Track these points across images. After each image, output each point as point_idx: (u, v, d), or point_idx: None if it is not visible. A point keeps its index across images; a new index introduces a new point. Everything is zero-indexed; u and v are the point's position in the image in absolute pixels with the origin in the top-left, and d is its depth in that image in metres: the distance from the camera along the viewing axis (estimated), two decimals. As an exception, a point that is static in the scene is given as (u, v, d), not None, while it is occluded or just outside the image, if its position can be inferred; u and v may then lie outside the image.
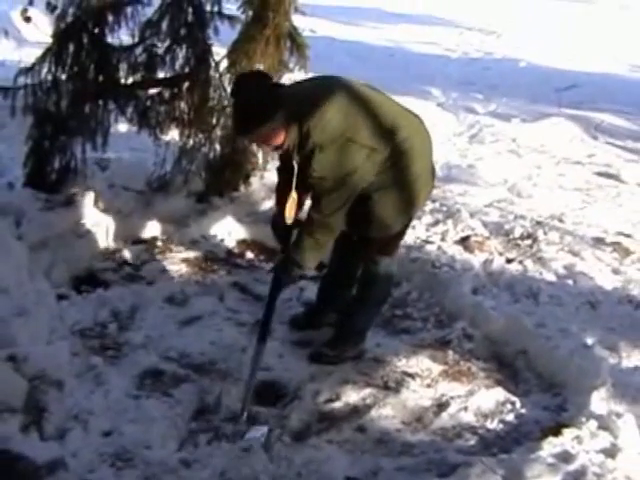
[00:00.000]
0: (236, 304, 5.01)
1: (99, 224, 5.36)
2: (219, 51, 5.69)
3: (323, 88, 4.00)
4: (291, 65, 5.88)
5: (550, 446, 3.80)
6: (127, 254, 5.43)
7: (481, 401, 4.32)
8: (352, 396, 4.26)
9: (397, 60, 12.48)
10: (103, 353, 4.31)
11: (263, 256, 5.72)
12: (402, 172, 4.08)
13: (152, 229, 5.72)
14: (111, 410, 3.78)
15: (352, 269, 4.63)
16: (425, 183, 4.30)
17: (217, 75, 5.47)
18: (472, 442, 4.02)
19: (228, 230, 5.82)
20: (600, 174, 8.16)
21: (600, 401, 4.19)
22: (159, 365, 4.28)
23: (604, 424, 3.98)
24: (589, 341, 4.80)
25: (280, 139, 3.88)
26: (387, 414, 4.15)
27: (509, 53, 13.92)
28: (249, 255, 5.64)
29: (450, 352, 4.76)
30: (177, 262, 5.46)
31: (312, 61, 6.09)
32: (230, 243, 5.79)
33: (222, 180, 5.96)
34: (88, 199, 5.33)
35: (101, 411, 3.75)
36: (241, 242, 5.81)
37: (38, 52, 5.07)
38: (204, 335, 4.62)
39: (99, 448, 3.55)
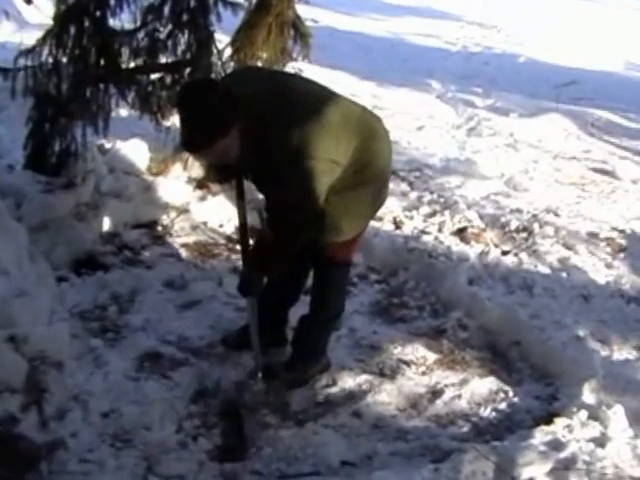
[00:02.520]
0: (235, 289, 4.95)
1: (99, 208, 5.36)
2: (222, 38, 5.69)
3: (284, 94, 3.63)
4: (294, 54, 5.87)
5: (542, 434, 3.87)
6: (127, 238, 5.44)
7: (475, 389, 4.40)
8: (348, 382, 4.31)
9: (397, 52, 12.44)
10: (103, 335, 4.35)
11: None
12: (361, 175, 3.78)
13: (152, 214, 5.72)
14: (110, 391, 3.82)
15: (300, 282, 4.39)
16: (383, 186, 4.05)
17: (219, 62, 5.47)
18: (465, 429, 4.09)
19: (228, 216, 5.81)
20: (595, 170, 8.21)
21: (591, 392, 4.27)
22: (158, 348, 4.32)
23: (594, 414, 4.06)
24: (581, 333, 4.87)
25: (234, 154, 3.56)
26: (382, 400, 4.21)
27: (509, 48, 13.91)
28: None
29: (445, 341, 4.82)
30: (177, 247, 5.48)
31: (314, 51, 6.09)
32: (229, 229, 5.79)
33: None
34: (88, 183, 5.32)
35: (101, 392, 3.79)
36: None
37: (39, 34, 5.05)
38: (203, 319, 4.66)
39: (99, 429, 3.59)
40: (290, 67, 5.76)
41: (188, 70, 5.39)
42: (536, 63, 12.96)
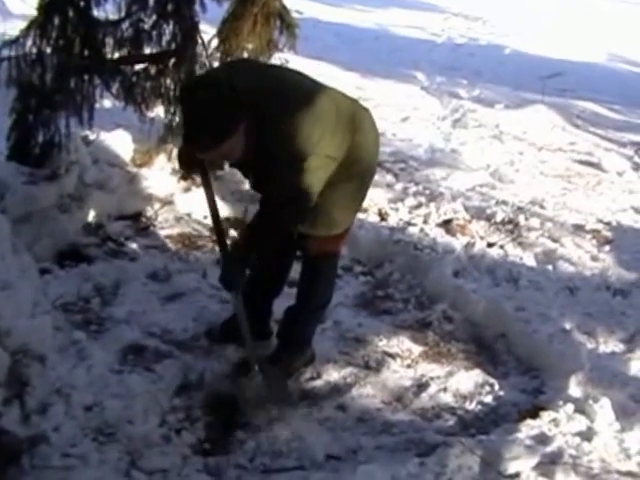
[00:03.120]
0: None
1: (83, 199, 5.31)
2: (207, 29, 5.66)
3: (281, 90, 3.58)
4: (280, 45, 5.82)
5: (527, 428, 3.85)
6: (111, 230, 5.39)
7: (460, 382, 4.38)
8: (333, 375, 4.29)
9: (382, 43, 12.41)
10: (86, 328, 4.30)
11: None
12: (353, 168, 3.77)
13: (136, 205, 5.67)
14: (93, 384, 3.76)
15: (284, 273, 4.38)
16: (372, 177, 4.06)
17: (204, 53, 5.43)
18: (451, 422, 4.07)
19: (212, 207, 5.76)
20: (581, 162, 8.23)
21: (577, 385, 4.26)
22: (142, 341, 4.27)
23: (581, 408, 4.04)
24: (567, 326, 4.86)
25: (240, 152, 3.52)
26: (367, 393, 4.19)
27: (494, 40, 13.92)
28: (232, 233, 5.60)
29: (430, 333, 4.81)
30: (161, 238, 5.44)
31: (299, 42, 6.03)
32: (213, 220, 5.74)
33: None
34: (72, 174, 5.26)
35: (83, 386, 3.73)
36: (224, 220, 5.70)
37: (23, 25, 4.98)
38: (187, 311, 4.61)
39: (81, 422, 3.54)
40: (276, 58, 5.71)
41: (173, 61, 5.34)
42: (521, 55, 12.98)
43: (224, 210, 5.74)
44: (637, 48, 14.23)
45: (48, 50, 4.92)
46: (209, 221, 5.49)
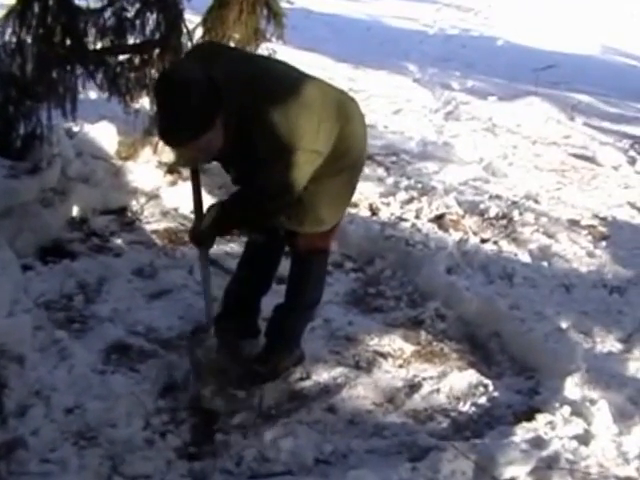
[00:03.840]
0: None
1: (66, 193, 5.21)
2: (192, 18, 5.56)
3: (265, 81, 3.42)
4: (267, 35, 5.70)
5: (523, 431, 3.73)
6: (95, 225, 5.29)
7: (453, 383, 4.25)
8: (323, 375, 4.16)
9: (374, 34, 12.34)
10: (68, 326, 4.19)
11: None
12: (341, 162, 3.61)
13: (121, 199, 5.58)
14: (75, 386, 3.65)
15: (272, 271, 4.22)
16: (360, 171, 3.91)
17: (189, 42, 5.31)
18: (444, 425, 3.95)
19: (199, 202, 5.65)
20: (576, 156, 8.14)
21: (574, 387, 4.14)
22: (126, 339, 4.16)
23: (578, 410, 3.93)
24: (563, 325, 4.76)
25: (218, 147, 3.36)
26: (358, 394, 4.06)
27: (487, 31, 13.84)
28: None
29: (423, 332, 4.68)
30: (146, 234, 5.33)
31: (288, 33, 5.91)
32: (201, 214, 5.63)
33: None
34: (55, 167, 5.17)
35: (64, 387, 3.62)
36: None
37: (1, 13, 4.90)
38: (172, 309, 4.50)
39: (61, 426, 3.43)
40: (264, 48, 5.59)
41: (157, 51, 5.25)
42: (514, 46, 12.89)
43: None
44: (631, 40, 14.17)
45: (28, 40, 4.83)
46: None
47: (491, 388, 4.25)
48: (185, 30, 5.34)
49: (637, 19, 15.89)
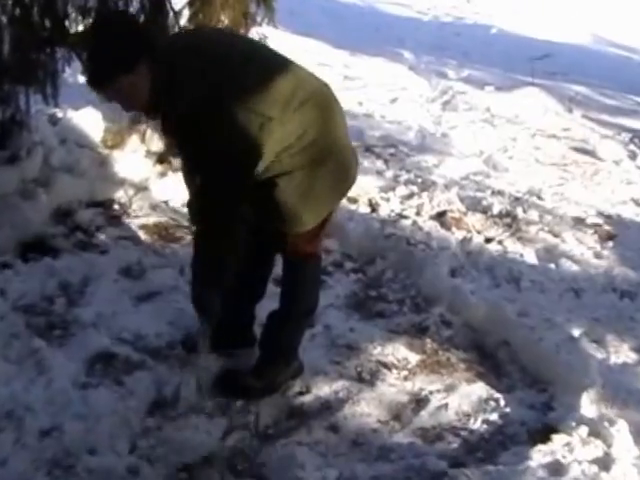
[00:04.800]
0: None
1: (48, 184, 4.99)
2: (177, 1, 5.31)
3: (205, 40, 3.40)
4: (258, 18, 5.45)
5: (540, 455, 3.50)
6: (79, 218, 5.03)
7: (462, 398, 3.99)
8: (324, 389, 3.88)
9: (368, 20, 12.12)
10: (48, 333, 3.91)
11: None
12: (312, 151, 3.33)
13: (108, 191, 5.33)
14: (53, 403, 3.37)
15: (265, 276, 3.94)
16: (346, 166, 3.58)
17: (175, 25, 5.04)
18: (454, 445, 3.68)
19: (190, 194, 5.40)
20: (576, 149, 7.97)
21: (590, 404, 3.92)
22: (111, 348, 3.87)
23: (595, 430, 3.69)
24: (575, 333, 4.55)
25: (143, 99, 3.17)
26: (362, 411, 3.78)
27: (480, 19, 13.67)
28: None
29: (428, 340, 4.43)
30: (135, 228, 5.07)
31: (285, 17, 5.76)
32: (192, 208, 5.37)
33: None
34: (36, 156, 4.99)
35: (41, 405, 3.34)
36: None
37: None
38: (162, 314, 4.21)
39: (34, 452, 3.14)
40: (254, 32, 5.32)
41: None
42: (508, 35, 12.73)
43: None
44: (621, 31, 13.98)
45: (4, 20, 4.60)
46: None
47: (502, 403, 4.00)
48: (171, 12, 5.12)
49: (627, 10, 15.74)
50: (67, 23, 4.83)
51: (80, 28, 4.85)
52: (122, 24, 3.20)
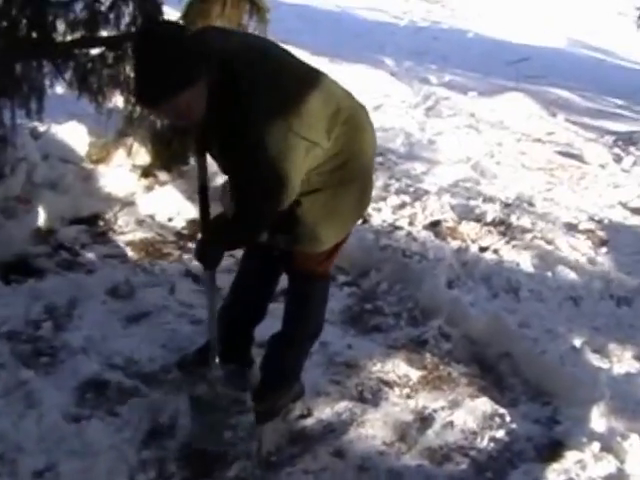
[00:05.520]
0: (189, 297, 4.46)
1: (32, 201, 4.92)
2: (171, 12, 5.30)
3: (265, 52, 3.09)
4: (250, 30, 5.37)
5: (553, 474, 3.42)
6: (64, 236, 4.91)
7: (467, 414, 3.86)
8: (326, 411, 3.73)
9: (346, 26, 12.11)
10: (35, 361, 3.75)
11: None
12: (342, 172, 3.22)
13: (93, 207, 5.23)
14: (45, 440, 3.21)
15: (266, 299, 3.78)
16: (368, 185, 3.49)
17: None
18: (463, 466, 3.55)
19: (177, 208, 5.35)
20: (562, 154, 7.95)
21: (600, 418, 3.82)
22: (102, 374, 3.71)
23: (608, 446, 3.61)
24: (577, 343, 4.47)
25: (200, 112, 2.94)
26: (367, 433, 3.63)
27: (456, 23, 13.71)
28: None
29: (427, 354, 4.31)
30: (121, 246, 4.96)
31: (266, 26, 5.64)
32: (180, 223, 5.30)
33: (170, 152, 5.56)
34: (19, 172, 4.95)
35: (33, 444, 3.18)
36: (192, 222, 5.25)
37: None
38: (154, 336, 4.06)
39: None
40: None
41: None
42: (485, 39, 12.78)
43: (191, 211, 5.35)
44: (595, 33, 14.10)
45: None
46: (175, 223, 5.26)
47: (507, 418, 3.88)
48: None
49: (599, 13, 15.84)
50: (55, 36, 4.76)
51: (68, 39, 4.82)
52: (180, 38, 2.85)
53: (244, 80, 2.92)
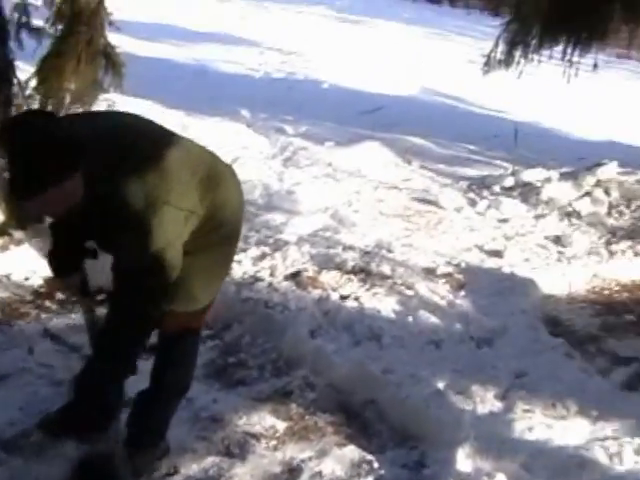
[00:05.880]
0: (49, 357, 4.31)
1: None
2: (25, 68, 5.06)
3: (131, 132, 3.07)
4: (105, 85, 5.26)
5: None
6: None
7: (335, 463, 3.86)
8: (193, 468, 3.66)
9: (202, 79, 12.07)
10: None
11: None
12: (215, 233, 3.24)
13: (-56, 269, 4.99)
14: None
15: None
16: (235, 244, 3.53)
17: (20, 94, 4.80)
18: (332, 518, 3.55)
19: (34, 267, 5.14)
20: (418, 200, 8.05)
21: (466, 458, 3.89)
22: (-41, 444, 3.55)
23: (475, 486, 3.63)
24: (440, 386, 4.52)
25: (76, 199, 2.85)
26: (234, 488, 3.59)
27: (311, 74, 13.86)
28: (59, 295, 4.99)
29: (293, 405, 4.30)
30: (-25, 307, 4.74)
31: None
32: (36, 281, 5.12)
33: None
34: None
35: None
36: (49, 280, 5.07)
37: None
38: (12, 399, 3.90)
39: None
40: (102, 99, 5.14)
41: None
42: (339, 89, 12.92)
43: (47, 269, 5.02)
44: (447, 81, 14.45)
45: None
46: (32, 282, 5.08)
47: (376, 465, 3.90)
48: (16, 81, 4.89)
49: (452, 61, 16.32)
50: None
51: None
52: (47, 131, 2.73)
53: (116, 169, 2.88)
